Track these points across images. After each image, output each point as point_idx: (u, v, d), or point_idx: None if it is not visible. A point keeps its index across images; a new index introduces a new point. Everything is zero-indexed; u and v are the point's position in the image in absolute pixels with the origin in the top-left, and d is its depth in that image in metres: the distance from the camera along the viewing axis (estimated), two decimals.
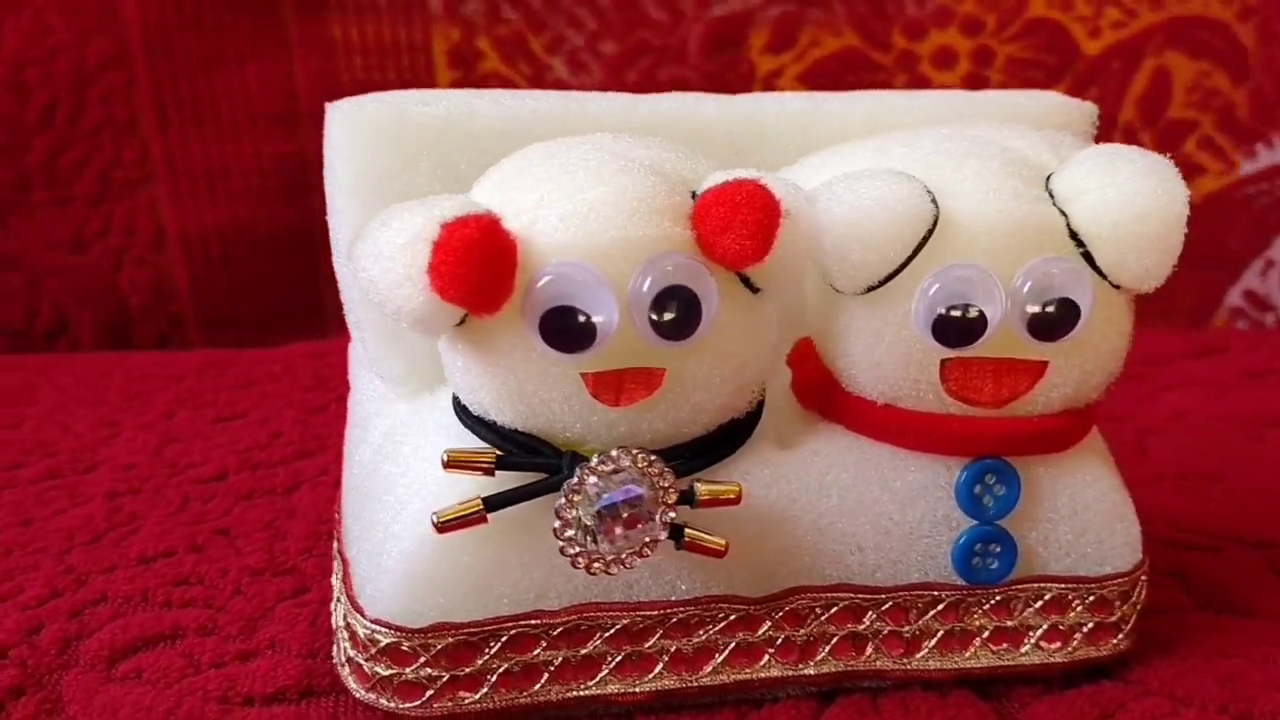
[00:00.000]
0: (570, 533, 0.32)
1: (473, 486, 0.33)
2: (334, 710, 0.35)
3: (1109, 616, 0.37)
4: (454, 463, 0.33)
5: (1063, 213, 0.34)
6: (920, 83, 0.76)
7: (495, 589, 0.34)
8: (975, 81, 0.75)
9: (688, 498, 0.33)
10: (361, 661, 0.34)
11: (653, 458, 0.33)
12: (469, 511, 0.33)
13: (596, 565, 0.33)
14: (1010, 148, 0.35)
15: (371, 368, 0.38)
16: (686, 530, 0.34)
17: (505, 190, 0.33)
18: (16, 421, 0.56)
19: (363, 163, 0.36)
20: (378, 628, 0.34)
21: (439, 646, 0.33)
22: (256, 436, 0.52)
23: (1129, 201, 0.33)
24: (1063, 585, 0.36)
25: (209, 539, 0.45)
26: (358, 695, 0.35)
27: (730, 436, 0.35)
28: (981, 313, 0.33)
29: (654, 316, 0.32)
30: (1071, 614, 0.37)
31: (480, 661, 0.34)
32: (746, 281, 0.34)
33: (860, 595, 0.36)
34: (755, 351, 0.34)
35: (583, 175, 0.33)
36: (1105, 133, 0.40)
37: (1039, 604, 0.36)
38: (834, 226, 0.33)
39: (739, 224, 0.32)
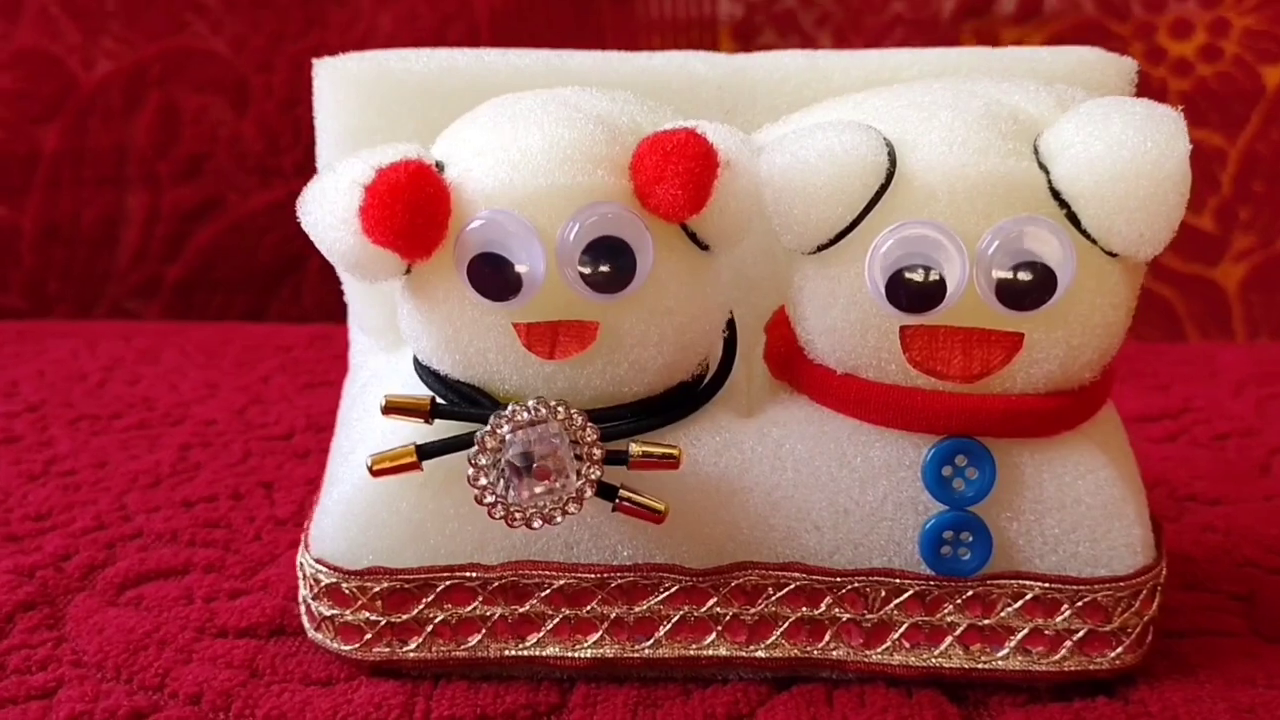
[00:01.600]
0: (483, 481, 0.32)
1: (417, 435, 0.33)
2: (294, 648, 0.36)
3: (1103, 625, 0.33)
4: (391, 408, 0.33)
5: (1045, 170, 0.31)
6: (1156, 54, 0.72)
7: (432, 538, 0.34)
8: (1210, 54, 0.70)
9: (623, 458, 0.32)
10: (309, 600, 0.35)
11: (574, 412, 0.32)
12: (402, 458, 0.33)
13: (517, 517, 0.32)
14: (1003, 101, 0.33)
15: (353, 320, 0.38)
16: (621, 491, 0.33)
17: (454, 140, 0.33)
18: (135, 379, 0.60)
19: (349, 119, 0.37)
20: (320, 567, 0.34)
21: (375, 590, 0.34)
22: (332, 403, 0.54)
23: (1114, 157, 0.30)
24: (1046, 585, 0.33)
25: (251, 489, 0.47)
26: (309, 634, 0.35)
27: (682, 399, 0.34)
28: (941, 276, 0.31)
29: (583, 268, 0.31)
30: (1059, 618, 0.33)
31: (417, 610, 0.34)
32: (695, 238, 0.33)
33: (814, 577, 0.33)
34: (699, 310, 0.33)
35: (523, 124, 0.32)
36: None
37: (1019, 603, 0.33)
38: (776, 180, 0.31)
39: (671, 173, 0.31)
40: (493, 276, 0.31)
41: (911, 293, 0.31)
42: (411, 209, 0.31)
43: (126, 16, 0.72)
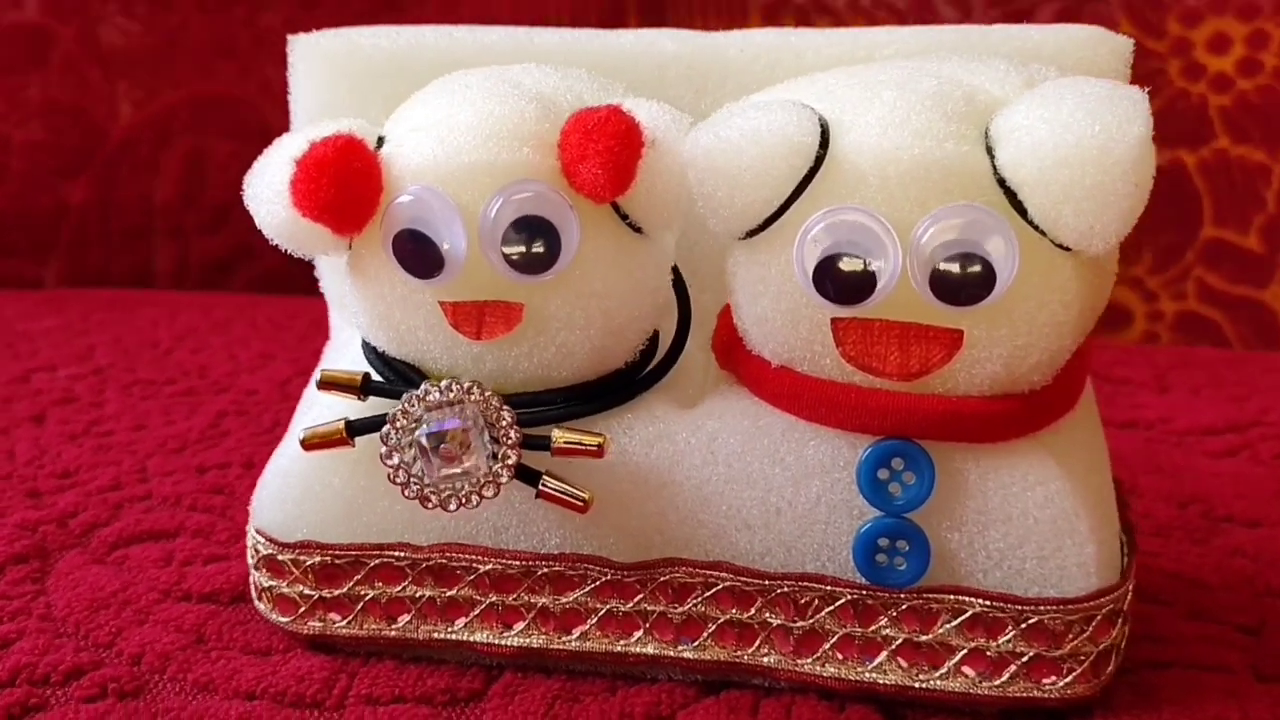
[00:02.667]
0: (394, 459, 0.31)
1: (354, 411, 0.33)
2: (247, 616, 0.36)
3: (1051, 650, 0.31)
4: (325, 383, 0.33)
5: (993, 155, 0.29)
6: (1195, 70, 0.67)
7: (364, 516, 0.33)
8: (1250, 67, 0.65)
9: (546, 444, 0.32)
10: (252, 569, 0.35)
11: (490, 394, 0.31)
12: (331, 433, 0.33)
13: (431, 498, 0.32)
14: (962, 81, 0.30)
15: (326, 293, 0.39)
16: (544, 478, 0.32)
17: (398, 116, 0.33)
18: (201, 348, 0.62)
19: (321, 95, 0.37)
20: (259, 537, 0.34)
21: (307, 563, 0.34)
22: None
23: (1058, 141, 0.28)
24: (988, 603, 0.31)
25: (265, 459, 0.48)
26: (254, 602, 0.36)
27: (617, 386, 0.33)
28: (871, 265, 0.29)
29: (508, 248, 0.30)
30: (1002, 639, 0.31)
31: (348, 586, 0.34)
32: (629, 220, 0.31)
33: (742, 578, 0.32)
34: (629, 295, 0.32)
35: (457, 100, 0.32)
36: None
37: (958, 620, 0.31)
38: (699, 161, 0.30)
39: (593, 152, 0.30)
40: (417, 254, 0.31)
41: (839, 283, 0.29)
42: (338, 183, 0.31)
43: (152, 64, 0.72)
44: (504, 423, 0.31)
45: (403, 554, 0.33)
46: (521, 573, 0.33)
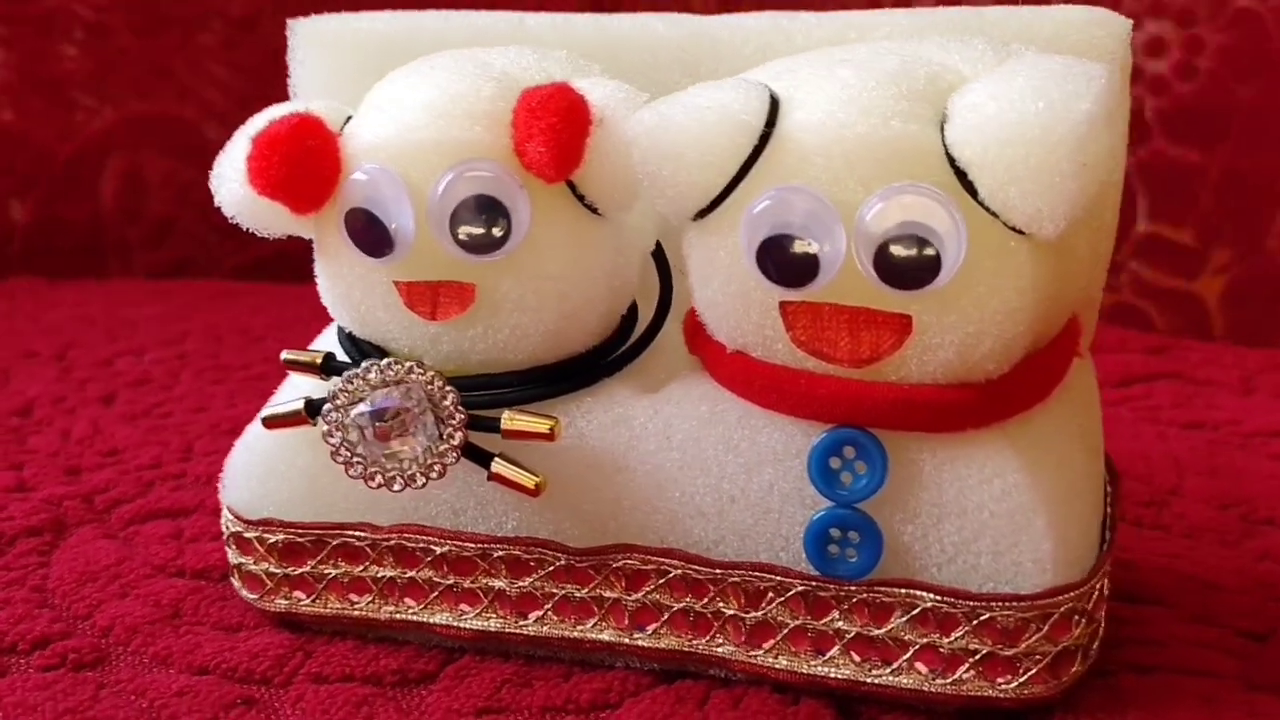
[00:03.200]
0: (336, 437, 0.31)
1: (319, 391, 0.33)
2: (230, 593, 0.37)
3: (1006, 648, 0.29)
4: (288, 363, 0.34)
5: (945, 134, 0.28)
6: (1134, 73, 0.66)
7: (327, 495, 0.34)
8: (1186, 71, 0.64)
9: (495, 426, 0.31)
10: (225, 544, 0.36)
11: (434, 374, 0.31)
12: (292, 412, 0.33)
13: (375, 477, 0.32)
14: (931, 60, 0.29)
15: None
16: (496, 460, 0.32)
17: (367, 95, 0.33)
18: (289, 336, 0.63)
19: (321, 79, 0.37)
20: (228, 514, 0.35)
21: (271, 541, 0.34)
22: None
23: (1003, 119, 0.27)
24: (939, 597, 0.30)
25: None
26: (230, 578, 0.36)
27: (574, 370, 0.33)
28: (815, 247, 0.28)
29: (460, 227, 0.30)
30: (955, 635, 0.30)
31: (311, 564, 0.34)
32: (586, 200, 0.31)
33: (694, 566, 0.31)
34: (584, 277, 0.31)
35: (417, 78, 0.32)
36: None
37: (909, 615, 0.30)
38: (643, 140, 0.29)
39: (539, 130, 0.30)
40: (367, 232, 0.31)
41: (782, 265, 0.28)
42: (290, 161, 0.31)
43: (93, 85, 0.73)
44: (448, 403, 0.31)
45: (363, 534, 0.33)
46: (478, 555, 0.33)
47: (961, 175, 0.27)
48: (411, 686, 0.32)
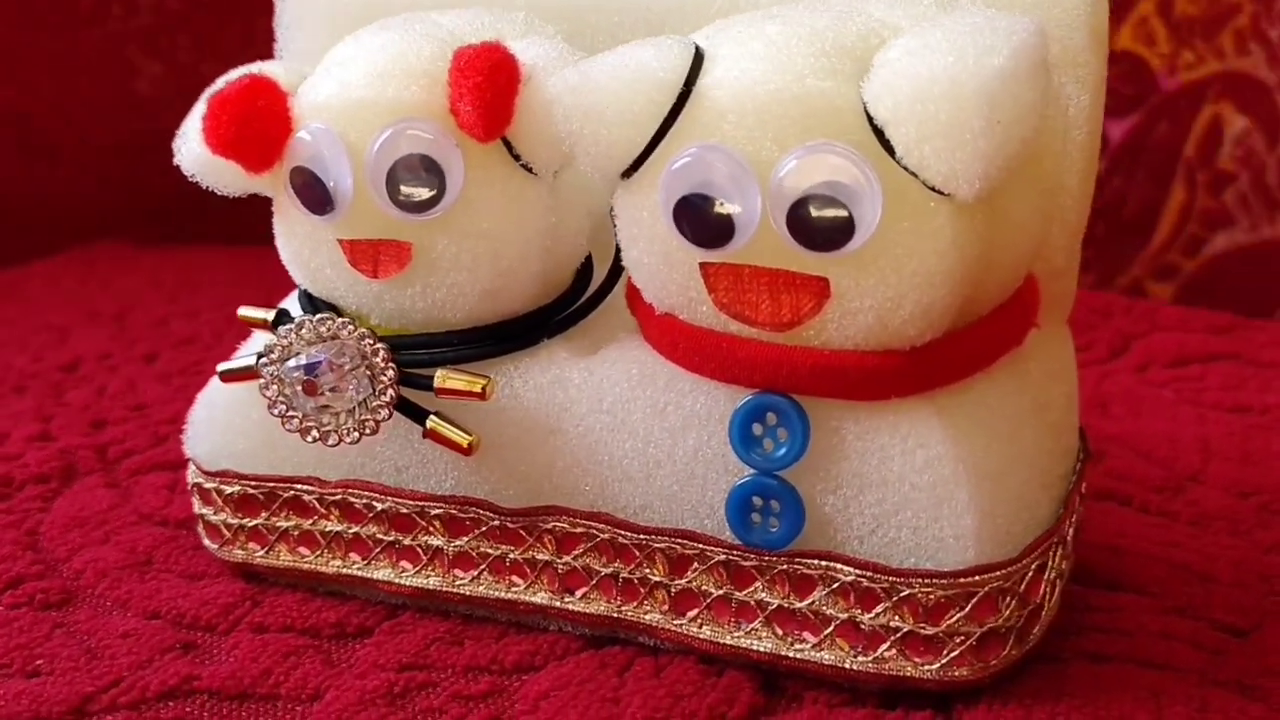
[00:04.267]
0: (272, 390, 0.32)
1: None
2: (199, 543, 0.38)
3: (927, 627, 0.28)
4: (244, 319, 0.34)
5: None
6: None
7: (280, 449, 0.34)
8: None
9: (429, 384, 0.32)
10: (190, 494, 0.37)
11: (365, 331, 0.31)
12: (244, 366, 0.34)
13: (311, 431, 0.32)
14: (873, 17, 0.28)
15: None
16: (431, 418, 0.32)
17: (325, 57, 0.33)
18: None
19: (306, 42, 0.38)
20: (192, 465, 0.36)
21: (228, 492, 0.35)
22: None
23: (915, 73, 0.26)
24: (859, 571, 0.29)
25: None
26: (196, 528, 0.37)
27: (512, 331, 0.32)
28: (728, 206, 0.27)
29: (389, 186, 0.31)
30: (876, 611, 0.29)
31: (264, 517, 0.35)
32: (523, 159, 0.31)
33: (620, 531, 0.31)
34: (516, 235, 0.31)
35: (365, 39, 0.32)
36: None
37: (829, 588, 0.29)
38: (564, 97, 0.29)
39: (466, 88, 0.30)
40: (309, 190, 0.31)
41: (697, 225, 0.28)
42: (239, 120, 0.31)
43: None
44: (379, 359, 0.31)
45: (311, 488, 0.34)
46: (415, 513, 0.33)
47: (880, 133, 0.26)
48: (347, 640, 0.33)
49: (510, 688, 0.30)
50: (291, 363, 0.31)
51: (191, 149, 0.32)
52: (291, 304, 0.36)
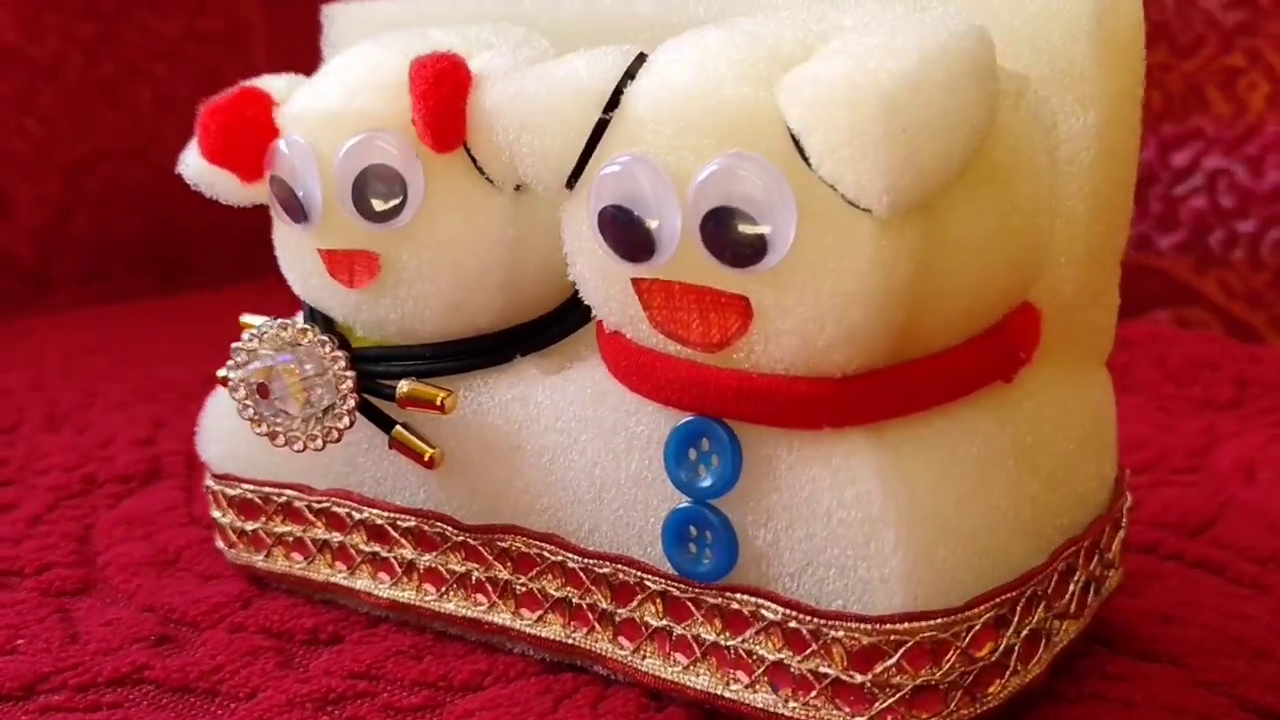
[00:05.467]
0: (241, 393, 0.33)
1: None
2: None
3: (855, 675, 0.26)
4: (243, 325, 0.35)
5: None
6: None
7: (275, 455, 0.35)
8: None
9: (392, 395, 0.32)
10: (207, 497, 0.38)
11: (325, 338, 0.32)
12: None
13: (278, 436, 0.33)
14: (832, 24, 0.27)
15: None
16: (396, 428, 0.32)
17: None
18: None
19: None
20: (209, 469, 0.37)
21: (231, 495, 0.36)
22: None
23: (817, 79, 0.24)
24: (786, 610, 0.27)
25: None
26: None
27: (483, 346, 0.32)
28: (648, 220, 0.26)
29: (354, 197, 0.31)
30: (805, 655, 0.27)
31: (262, 521, 0.36)
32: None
33: (570, 555, 0.30)
34: (475, 247, 0.31)
35: (354, 53, 0.33)
36: None
37: (759, 627, 0.27)
38: (502, 107, 0.28)
39: (415, 99, 0.30)
40: (286, 200, 0.32)
41: (619, 238, 0.27)
42: (227, 130, 0.32)
43: None
44: (338, 367, 0.32)
45: (300, 495, 0.35)
46: (389, 525, 0.33)
47: (800, 144, 0.25)
48: (316, 646, 0.33)
49: (443, 704, 0.30)
50: (252, 366, 0.32)
51: (192, 159, 0.34)
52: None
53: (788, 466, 0.27)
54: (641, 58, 0.27)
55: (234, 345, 0.33)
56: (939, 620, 0.26)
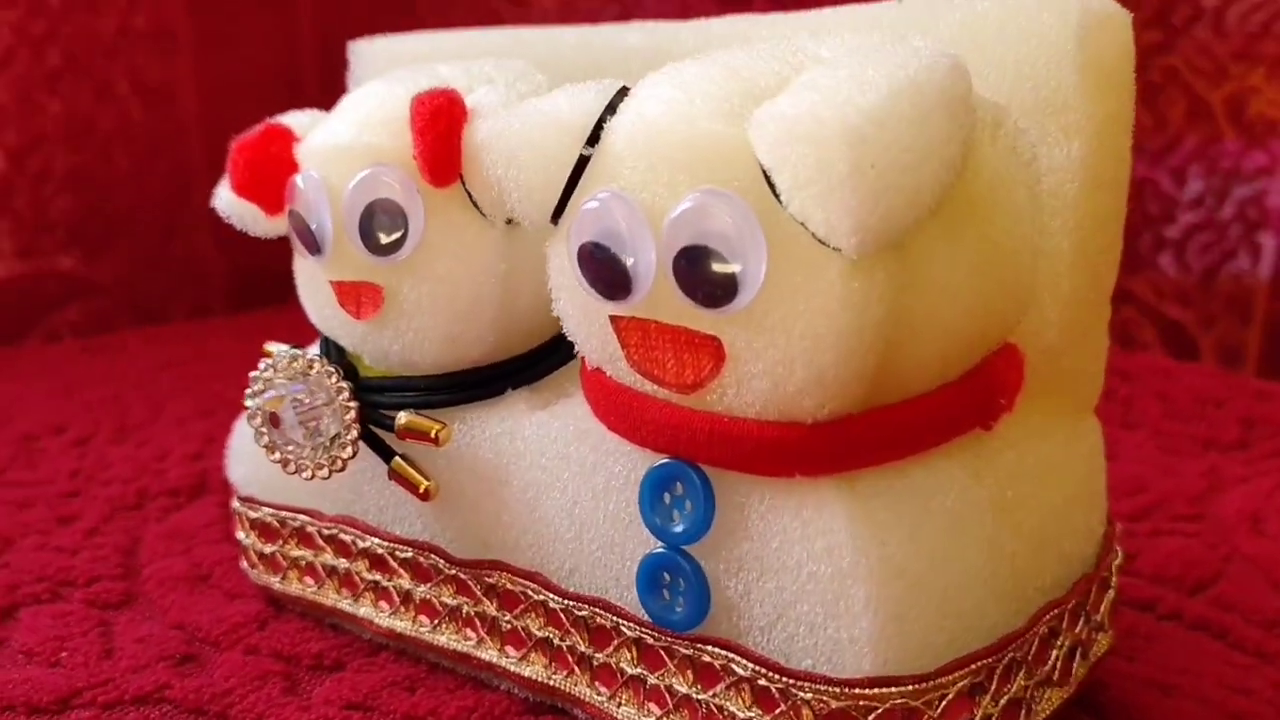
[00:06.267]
0: (257, 420, 0.33)
1: None
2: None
3: None
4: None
5: None
6: None
7: (291, 481, 0.35)
8: None
9: (391, 425, 0.32)
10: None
11: (331, 369, 0.32)
12: None
13: (290, 463, 0.33)
14: (810, 57, 0.26)
15: None
16: (395, 460, 0.32)
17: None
18: None
19: None
20: (235, 491, 0.38)
21: (253, 517, 0.37)
22: None
23: (783, 114, 0.23)
24: (755, 667, 0.26)
25: None
26: None
27: (482, 379, 0.32)
28: (624, 256, 0.26)
29: (360, 230, 0.31)
30: (776, 713, 0.26)
31: (279, 544, 0.36)
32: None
33: (551, 594, 0.30)
34: (470, 280, 0.31)
35: (367, 89, 0.33)
36: None
37: (729, 682, 0.26)
38: (490, 143, 0.28)
39: (415, 135, 0.30)
40: (302, 234, 0.33)
41: (597, 275, 0.26)
42: (251, 165, 0.33)
43: None
44: (343, 399, 0.32)
45: (311, 521, 0.35)
46: (388, 554, 0.33)
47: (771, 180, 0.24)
48: (320, 672, 0.33)
49: None
50: (267, 395, 0.32)
51: (224, 192, 0.35)
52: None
53: (759, 515, 0.26)
54: (624, 92, 0.27)
55: (251, 374, 0.33)
56: (910, 687, 0.24)
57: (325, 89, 0.67)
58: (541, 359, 0.32)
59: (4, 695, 0.32)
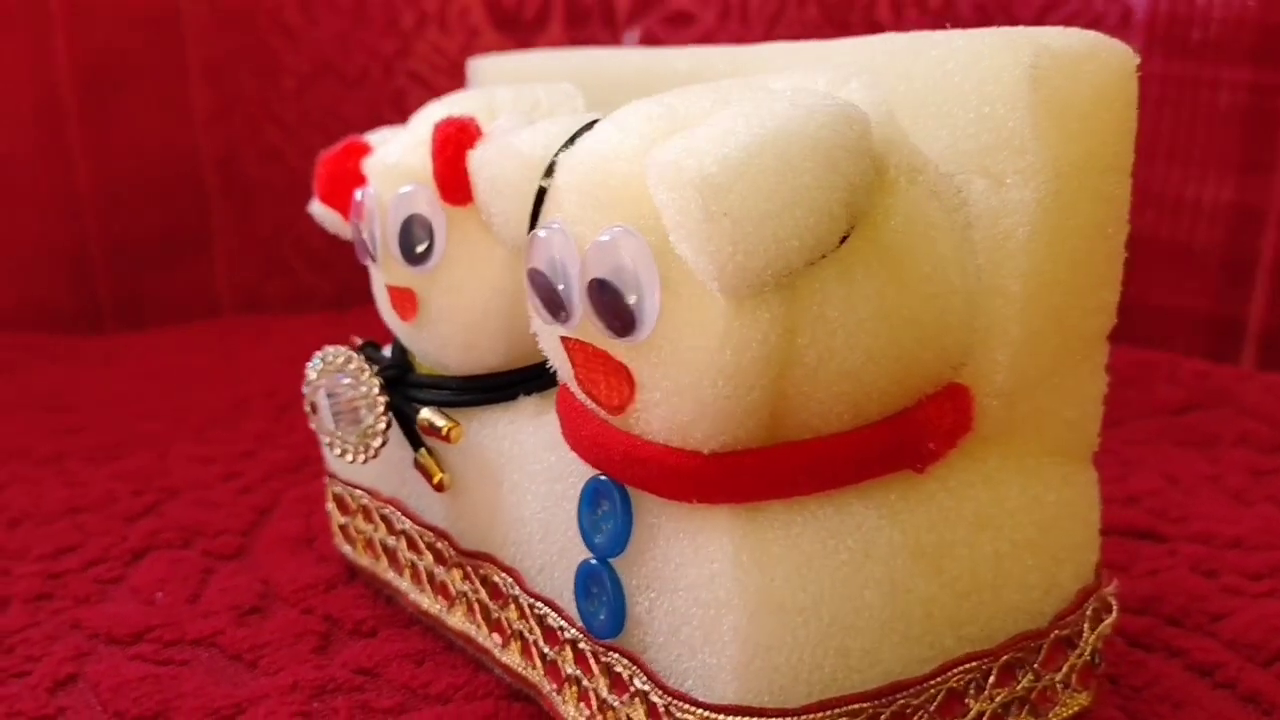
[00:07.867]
0: (307, 408, 0.37)
1: None
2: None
3: None
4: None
5: None
6: None
7: None
8: None
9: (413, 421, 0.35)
10: None
11: (363, 365, 0.35)
12: None
13: (335, 446, 0.36)
14: (773, 91, 0.27)
15: None
16: (420, 451, 0.35)
17: None
18: None
19: None
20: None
21: (336, 491, 0.41)
22: None
23: (655, 157, 0.24)
24: (646, 682, 0.27)
25: None
26: None
27: (500, 383, 0.34)
28: (559, 283, 0.27)
29: (402, 240, 0.34)
30: None
31: (351, 518, 0.40)
32: None
33: (523, 591, 0.32)
34: (482, 293, 0.33)
35: (429, 110, 0.36)
36: None
37: (630, 693, 0.27)
38: (478, 171, 0.31)
39: (431, 158, 0.32)
40: (361, 240, 0.36)
41: (540, 298, 0.28)
42: (330, 176, 0.37)
43: None
44: (374, 393, 0.35)
45: (368, 500, 0.39)
46: (419, 536, 0.36)
47: None
48: (355, 637, 0.37)
49: (409, 710, 0.33)
50: (318, 384, 0.36)
51: (315, 201, 0.39)
52: None
53: (666, 536, 0.27)
54: (592, 125, 0.29)
55: (307, 365, 0.37)
56: (771, 719, 0.25)
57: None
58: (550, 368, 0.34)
59: (95, 624, 0.37)
